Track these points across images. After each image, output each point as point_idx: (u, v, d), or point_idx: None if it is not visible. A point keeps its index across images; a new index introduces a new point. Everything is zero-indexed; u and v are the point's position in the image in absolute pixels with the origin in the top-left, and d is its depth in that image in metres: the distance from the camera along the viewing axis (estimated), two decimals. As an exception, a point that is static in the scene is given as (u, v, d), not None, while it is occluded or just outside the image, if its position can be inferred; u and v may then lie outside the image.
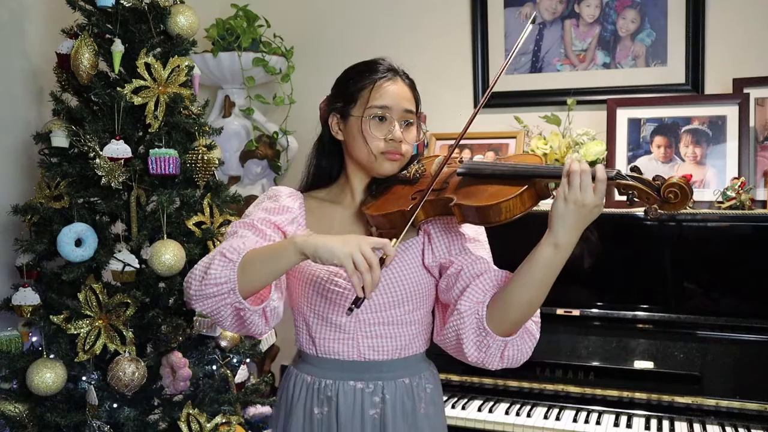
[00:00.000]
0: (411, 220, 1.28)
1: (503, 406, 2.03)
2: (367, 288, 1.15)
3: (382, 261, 1.18)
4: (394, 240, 1.24)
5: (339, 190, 1.47)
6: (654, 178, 1.17)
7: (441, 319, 1.42)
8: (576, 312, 2.16)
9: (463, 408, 2.01)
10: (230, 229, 1.40)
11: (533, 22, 1.34)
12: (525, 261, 1.25)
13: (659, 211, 1.16)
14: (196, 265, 1.28)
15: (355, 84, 1.39)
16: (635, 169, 1.19)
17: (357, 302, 1.19)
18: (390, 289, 1.36)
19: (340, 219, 1.43)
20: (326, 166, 1.48)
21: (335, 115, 1.42)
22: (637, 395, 1.96)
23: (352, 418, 1.36)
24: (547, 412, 1.98)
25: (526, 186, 1.22)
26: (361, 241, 1.17)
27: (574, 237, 1.20)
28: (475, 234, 1.41)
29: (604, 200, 1.19)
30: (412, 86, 1.43)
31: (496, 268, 1.35)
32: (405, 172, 1.41)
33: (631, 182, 1.17)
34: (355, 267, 1.15)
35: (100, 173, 1.88)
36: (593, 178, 1.17)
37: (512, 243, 1.40)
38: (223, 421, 2.00)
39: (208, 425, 1.96)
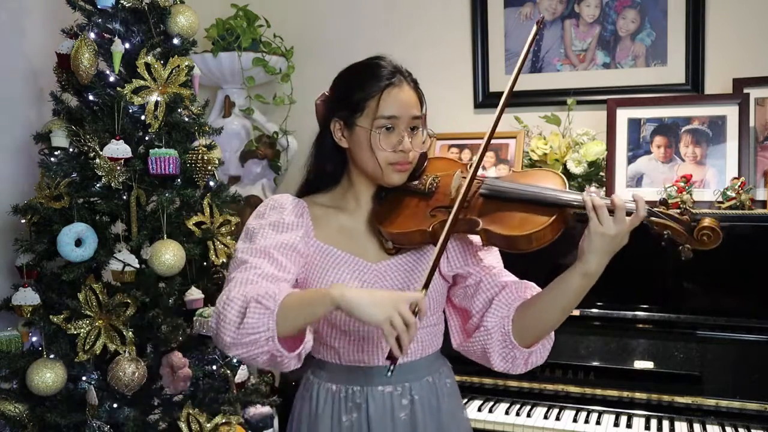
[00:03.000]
0: (439, 246, 1.21)
1: (503, 406, 2.03)
2: (404, 347, 1.12)
3: (415, 315, 1.14)
4: (424, 290, 1.19)
5: (341, 195, 1.42)
6: (681, 212, 1.18)
7: (460, 326, 1.42)
8: (576, 312, 2.15)
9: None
10: (238, 257, 1.30)
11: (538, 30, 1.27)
12: (553, 287, 1.29)
13: (691, 250, 1.18)
14: (222, 308, 1.20)
15: (360, 92, 1.32)
16: (664, 202, 1.21)
17: (394, 360, 1.15)
18: None
19: (350, 229, 1.39)
20: (330, 171, 1.42)
21: (338, 122, 1.35)
22: (637, 395, 1.96)
23: (383, 422, 1.35)
24: (547, 412, 1.98)
25: (556, 215, 1.22)
26: (397, 300, 1.13)
27: (603, 265, 1.24)
28: None
29: None
30: (416, 87, 1.37)
31: (515, 278, 1.38)
32: (418, 183, 1.37)
33: (665, 220, 1.17)
34: (393, 327, 1.12)
35: (100, 173, 1.88)
36: (629, 213, 1.19)
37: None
38: (223, 421, 2.00)
39: (208, 425, 1.96)
